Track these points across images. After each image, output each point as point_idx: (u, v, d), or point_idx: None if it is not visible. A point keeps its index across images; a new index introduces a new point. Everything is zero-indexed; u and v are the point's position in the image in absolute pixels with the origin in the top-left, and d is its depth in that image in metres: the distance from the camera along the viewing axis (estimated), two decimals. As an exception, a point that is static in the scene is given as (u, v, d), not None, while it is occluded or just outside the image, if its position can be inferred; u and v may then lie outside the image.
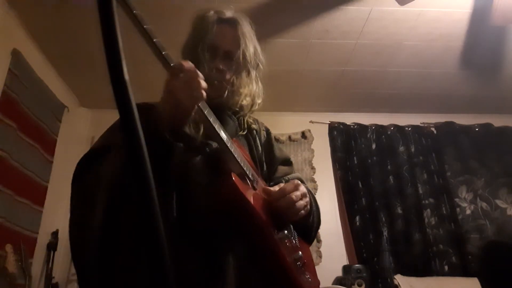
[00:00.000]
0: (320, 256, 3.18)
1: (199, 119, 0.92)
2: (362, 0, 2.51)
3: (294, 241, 0.97)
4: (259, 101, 1.12)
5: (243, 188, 0.84)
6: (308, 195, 0.98)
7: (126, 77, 0.31)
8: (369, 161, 3.54)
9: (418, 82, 3.37)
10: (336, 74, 3.27)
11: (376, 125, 3.71)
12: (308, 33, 2.79)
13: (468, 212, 3.39)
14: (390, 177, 3.49)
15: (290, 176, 1.13)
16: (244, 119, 1.11)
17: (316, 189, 3.42)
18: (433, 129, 3.74)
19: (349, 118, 3.73)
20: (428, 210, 3.38)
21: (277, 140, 3.32)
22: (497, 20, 2.30)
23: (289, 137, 3.62)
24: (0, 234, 2.26)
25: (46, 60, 2.91)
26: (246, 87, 1.07)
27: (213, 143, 0.93)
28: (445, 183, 3.48)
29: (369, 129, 3.69)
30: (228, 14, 1.09)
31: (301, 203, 0.92)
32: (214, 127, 0.84)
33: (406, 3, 2.27)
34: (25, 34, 2.63)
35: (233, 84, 1.05)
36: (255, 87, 1.11)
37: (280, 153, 1.20)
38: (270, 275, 0.87)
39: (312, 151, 3.62)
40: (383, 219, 3.32)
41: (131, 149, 0.32)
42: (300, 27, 2.73)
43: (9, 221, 2.34)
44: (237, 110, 1.09)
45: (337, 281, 3.03)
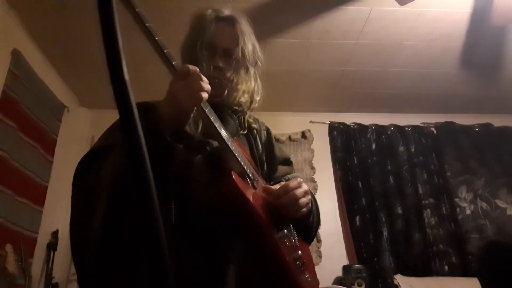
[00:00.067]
0: (320, 256, 3.18)
1: (200, 118, 0.92)
2: (362, 0, 2.51)
3: (294, 241, 0.97)
4: (258, 98, 1.12)
5: (243, 187, 0.84)
6: (309, 194, 0.99)
7: (126, 77, 0.31)
8: (369, 161, 3.54)
9: (418, 82, 3.37)
10: (336, 74, 3.27)
11: (376, 125, 3.71)
12: (308, 33, 2.79)
13: (468, 212, 3.39)
14: (390, 177, 3.49)
15: (290, 176, 1.14)
16: (245, 118, 1.11)
17: (316, 189, 3.42)
18: (433, 129, 3.74)
19: (349, 118, 3.73)
20: (428, 210, 3.38)
21: (277, 140, 3.31)
22: (497, 20, 2.30)
23: (289, 137, 3.62)
24: (0, 234, 2.26)
25: (46, 60, 2.91)
26: (244, 84, 1.07)
27: (214, 142, 0.93)
28: (445, 183, 3.48)
29: (369, 129, 3.69)
30: (226, 12, 1.09)
31: (304, 200, 0.92)
32: (215, 126, 0.84)
33: (406, 3, 2.27)
34: (25, 34, 2.63)
35: (232, 82, 1.05)
36: (254, 84, 1.11)
37: (280, 153, 1.20)
38: (270, 275, 0.87)
39: (312, 151, 3.62)
40: (383, 219, 3.32)
41: (131, 149, 0.32)
42: (300, 27, 2.73)
43: (9, 221, 2.34)
44: (237, 109, 1.08)
45: (337, 281, 3.03)
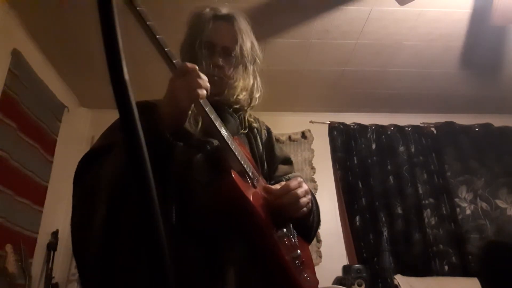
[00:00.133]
0: (320, 256, 3.18)
1: (201, 117, 0.92)
2: (362, 0, 2.51)
3: (293, 240, 0.97)
4: (258, 95, 1.12)
5: (243, 186, 0.84)
6: (310, 194, 0.99)
7: (126, 77, 0.31)
8: (369, 161, 3.54)
9: (418, 82, 3.37)
10: (336, 74, 3.27)
11: (376, 125, 3.71)
12: (308, 33, 2.79)
13: (468, 212, 3.39)
14: (390, 177, 3.49)
15: (291, 175, 1.14)
16: (245, 117, 1.11)
17: (316, 189, 3.42)
18: (433, 129, 3.74)
19: (349, 118, 3.73)
20: (428, 210, 3.38)
21: (277, 140, 3.29)
22: (497, 20, 2.30)
23: (289, 137, 3.62)
24: (0, 234, 2.26)
25: (46, 60, 2.91)
26: (243, 82, 1.07)
27: (214, 141, 0.93)
28: (445, 183, 3.48)
29: (369, 129, 3.69)
30: (224, 11, 1.09)
31: (305, 200, 0.92)
32: (215, 125, 0.84)
33: (406, 3, 2.27)
34: (25, 34, 2.63)
35: (232, 79, 1.05)
36: (252, 81, 1.11)
37: (281, 152, 1.20)
38: (270, 275, 0.87)
39: (312, 151, 3.62)
40: (383, 219, 3.32)
41: (131, 149, 0.32)
42: (300, 27, 2.73)
43: (9, 221, 2.34)
44: (238, 108, 1.08)
45: (337, 281, 3.03)
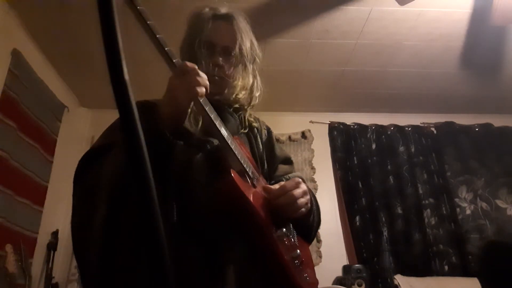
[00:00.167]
0: (320, 256, 3.18)
1: (201, 116, 0.92)
2: (362, 0, 2.51)
3: (293, 240, 0.97)
4: (258, 94, 1.12)
5: (242, 185, 0.84)
6: (309, 194, 0.99)
7: (126, 77, 0.31)
8: (369, 161, 3.54)
9: (418, 82, 3.37)
10: (336, 74, 3.27)
11: (376, 125, 3.71)
12: (308, 33, 2.79)
13: (468, 212, 3.39)
14: (390, 177, 3.49)
15: (291, 175, 1.13)
16: (245, 117, 1.11)
17: (316, 189, 3.42)
18: (433, 129, 3.74)
19: (349, 118, 3.73)
20: (428, 210, 3.38)
21: (277, 140, 3.30)
22: (497, 20, 2.29)
23: (289, 137, 3.62)
24: (0, 234, 2.25)
25: (46, 60, 2.91)
26: (242, 80, 1.07)
27: (214, 140, 0.93)
28: (445, 183, 3.48)
29: (369, 129, 3.69)
30: (223, 10, 1.10)
31: (302, 201, 0.92)
32: (215, 124, 0.84)
33: (406, 3, 2.27)
34: (25, 34, 2.63)
35: (232, 79, 1.05)
36: (252, 80, 1.11)
37: (281, 152, 1.20)
38: (270, 274, 0.87)
39: (312, 151, 3.62)
40: (383, 219, 3.32)
41: (131, 149, 0.32)
42: (300, 27, 2.73)
43: (9, 221, 2.34)
44: (238, 107, 1.08)
45: (337, 281, 3.03)
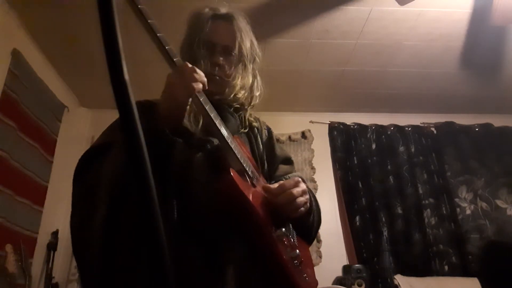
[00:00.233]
0: (320, 256, 3.18)
1: (201, 115, 0.92)
2: (362, 0, 2.51)
3: (292, 240, 0.96)
4: (258, 94, 1.12)
5: (242, 184, 0.84)
6: (309, 194, 0.98)
7: (126, 77, 0.31)
8: (369, 161, 3.54)
9: (418, 82, 3.37)
10: (336, 74, 3.27)
11: (376, 125, 3.71)
12: (308, 33, 2.79)
13: (468, 212, 3.38)
14: (390, 177, 3.49)
15: (291, 175, 1.13)
16: (246, 117, 1.11)
17: (316, 189, 3.42)
18: (433, 129, 3.74)
19: (349, 118, 3.73)
20: (428, 210, 3.38)
21: (277, 140, 3.31)
22: (497, 20, 2.29)
23: (289, 137, 3.62)
24: (0, 234, 2.25)
25: (46, 60, 2.91)
26: (241, 80, 1.07)
27: (214, 140, 0.93)
28: (445, 183, 3.48)
29: (369, 129, 3.69)
30: (223, 10, 1.10)
31: (302, 200, 0.92)
32: (215, 123, 0.85)
33: (406, 3, 2.27)
34: (25, 34, 2.63)
35: (232, 78, 1.05)
36: (252, 80, 1.11)
37: (281, 152, 1.20)
38: (270, 275, 0.87)
39: (312, 151, 3.62)
40: (383, 219, 3.32)
41: (131, 149, 0.32)
42: (300, 27, 2.73)
43: (9, 221, 2.34)
44: (238, 107, 1.08)
45: (337, 281, 3.03)
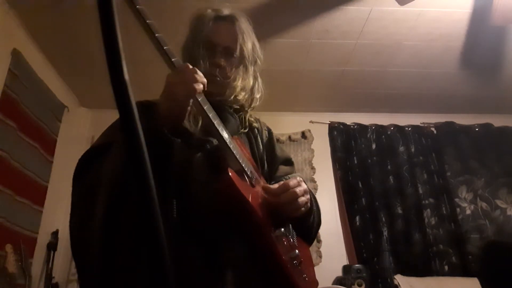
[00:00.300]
0: (320, 256, 3.18)
1: (199, 115, 0.92)
2: (362, 0, 2.51)
3: (292, 240, 0.96)
4: (259, 96, 1.12)
5: (240, 184, 0.84)
6: (309, 194, 0.99)
7: (126, 77, 0.31)
8: (369, 161, 3.54)
9: (418, 82, 3.37)
10: (336, 74, 3.27)
11: (376, 125, 3.71)
12: (308, 33, 2.79)
13: (468, 212, 3.39)
14: (390, 177, 3.49)
15: (291, 176, 1.13)
16: (246, 117, 1.11)
17: (316, 189, 3.42)
18: (433, 129, 3.74)
19: (349, 118, 3.73)
20: (428, 210, 3.38)
21: (277, 140, 3.31)
22: (497, 20, 2.29)
23: (289, 137, 3.62)
24: (0, 234, 2.26)
25: (46, 60, 2.91)
26: (242, 81, 1.07)
27: (214, 140, 0.93)
28: (445, 183, 3.48)
29: (369, 129, 3.69)
30: (226, 12, 1.10)
31: (303, 199, 0.92)
32: (214, 123, 0.85)
33: (406, 3, 2.27)
34: (25, 34, 2.63)
35: (233, 80, 1.05)
36: (253, 82, 1.11)
37: (282, 153, 1.20)
38: (269, 274, 0.87)
39: (312, 151, 3.62)
40: (383, 219, 3.32)
41: (131, 149, 0.32)
42: (300, 27, 2.73)
43: (9, 221, 2.34)
44: (238, 108, 1.08)
45: (337, 281, 3.03)
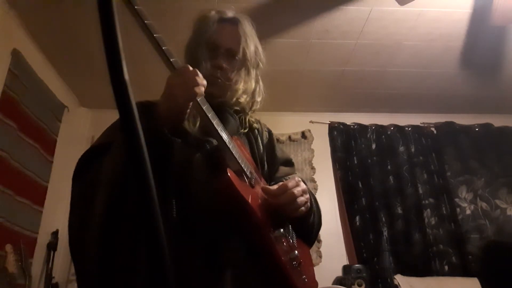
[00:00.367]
0: (320, 256, 3.18)
1: (199, 115, 0.93)
2: (362, 0, 2.51)
3: (292, 241, 0.96)
4: (260, 99, 1.13)
5: (239, 184, 0.84)
6: (309, 194, 0.99)
7: (126, 77, 0.31)
8: (369, 161, 3.54)
9: (418, 82, 3.37)
10: (336, 74, 3.26)
11: (376, 125, 3.70)
12: (308, 33, 2.79)
13: (468, 212, 3.38)
14: (390, 177, 3.49)
15: (291, 177, 1.13)
16: (246, 118, 1.11)
17: (316, 189, 3.42)
18: (433, 129, 3.74)
19: (349, 118, 3.73)
20: (428, 210, 3.38)
21: (277, 140, 3.31)
22: (497, 20, 2.29)
23: (289, 137, 3.62)
24: (0, 234, 2.25)
25: (46, 60, 2.91)
26: (243, 84, 1.07)
27: (213, 140, 0.93)
28: (445, 183, 3.48)
29: (369, 129, 3.69)
30: (230, 14, 1.10)
31: (302, 199, 0.92)
32: (213, 123, 0.85)
33: (406, 3, 2.27)
34: (25, 34, 2.63)
35: (234, 82, 1.05)
36: (254, 85, 1.11)
37: (282, 154, 1.20)
38: (268, 275, 0.87)
39: (312, 151, 3.62)
40: (383, 219, 3.32)
41: (131, 150, 0.32)
42: (300, 27, 2.73)
43: (9, 221, 2.34)
44: (238, 109, 1.09)
45: (337, 281, 3.03)
